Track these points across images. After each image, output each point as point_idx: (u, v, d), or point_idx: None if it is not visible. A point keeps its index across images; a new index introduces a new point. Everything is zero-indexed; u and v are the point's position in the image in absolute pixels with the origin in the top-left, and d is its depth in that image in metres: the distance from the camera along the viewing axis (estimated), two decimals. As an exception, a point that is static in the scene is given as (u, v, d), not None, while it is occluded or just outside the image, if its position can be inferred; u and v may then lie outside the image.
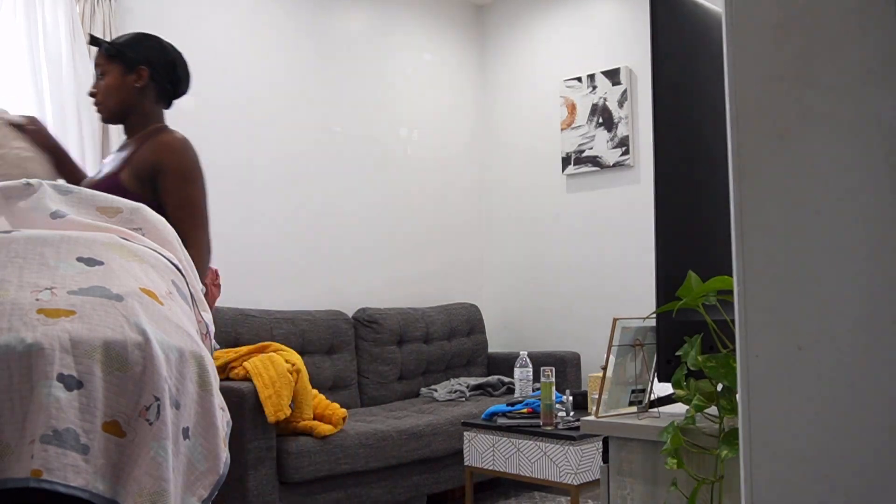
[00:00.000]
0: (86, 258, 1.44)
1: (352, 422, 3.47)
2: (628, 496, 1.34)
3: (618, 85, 4.58)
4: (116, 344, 1.30)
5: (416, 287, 4.82)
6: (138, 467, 1.27)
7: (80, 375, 1.25)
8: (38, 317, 1.28)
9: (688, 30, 1.33)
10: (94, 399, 1.26)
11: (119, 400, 1.29)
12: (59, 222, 1.56)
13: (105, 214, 1.65)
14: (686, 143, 1.32)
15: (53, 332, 1.26)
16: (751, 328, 0.72)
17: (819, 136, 0.69)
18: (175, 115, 3.92)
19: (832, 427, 0.67)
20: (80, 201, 1.64)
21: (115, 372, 1.29)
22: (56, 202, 1.60)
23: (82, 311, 1.32)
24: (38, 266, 1.39)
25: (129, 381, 1.30)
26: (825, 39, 0.69)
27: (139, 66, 2.09)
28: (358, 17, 4.65)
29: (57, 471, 1.19)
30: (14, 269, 1.37)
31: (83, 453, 1.22)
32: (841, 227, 0.67)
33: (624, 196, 4.57)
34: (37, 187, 1.60)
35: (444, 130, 5.09)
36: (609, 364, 1.39)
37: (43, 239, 1.45)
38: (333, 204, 4.42)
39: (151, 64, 2.11)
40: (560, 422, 3.16)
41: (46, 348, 1.24)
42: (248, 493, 2.96)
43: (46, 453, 1.18)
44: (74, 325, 1.29)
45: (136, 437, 1.28)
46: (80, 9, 3.38)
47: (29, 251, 1.42)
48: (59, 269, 1.40)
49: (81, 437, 1.23)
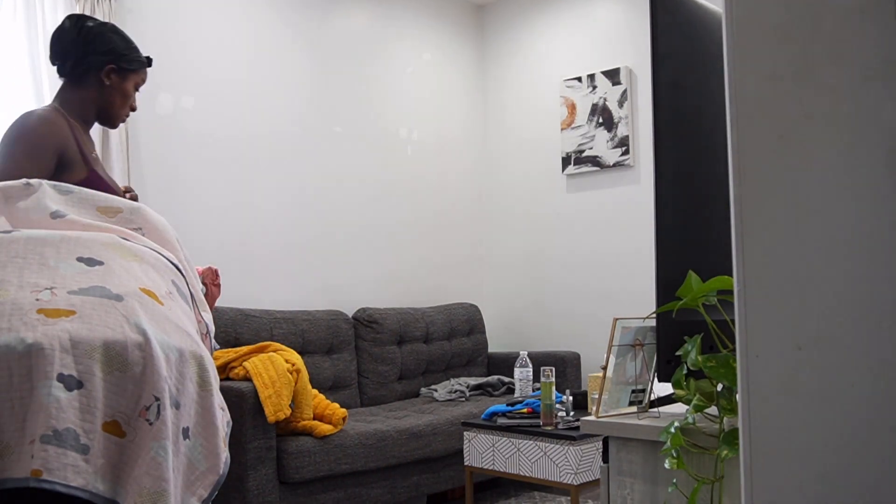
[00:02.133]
0: (86, 258, 1.44)
1: (352, 422, 3.47)
2: (628, 496, 1.34)
3: (618, 85, 4.58)
4: (116, 344, 1.30)
5: (416, 287, 4.82)
6: (138, 467, 1.27)
7: (80, 375, 1.25)
8: (39, 317, 1.28)
9: (688, 30, 1.33)
10: (94, 399, 1.26)
11: (119, 400, 1.29)
12: (59, 222, 1.56)
13: (105, 214, 1.65)
14: (686, 143, 1.32)
15: (53, 332, 1.26)
16: (751, 328, 0.72)
17: (819, 136, 0.69)
18: (175, 115, 3.89)
19: (832, 427, 0.67)
20: (80, 201, 1.64)
21: (115, 372, 1.29)
22: (56, 202, 1.60)
23: (82, 311, 1.32)
24: (38, 266, 1.39)
25: (129, 381, 1.30)
26: (825, 39, 0.69)
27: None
28: (358, 17, 4.64)
29: (57, 471, 1.19)
30: (14, 269, 1.37)
31: (83, 453, 1.22)
32: (841, 226, 0.67)
33: (624, 196, 4.57)
34: (37, 187, 1.60)
35: (444, 130, 5.09)
36: (609, 364, 1.39)
37: (43, 239, 1.45)
38: (334, 204, 4.42)
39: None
40: (560, 422, 3.16)
41: (46, 348, 1.24)
42: (248, 493, 2.96)
43: (46, 453, 1.18)
44: (74, 325, 1.29)
45: (136, 436, 1.28)
46: (80, 9, 3.38)
47: (29, 251, 1.42)
48: (59, 269, 1.40)
49: (81, 437, 1.23)
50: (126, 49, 2.07)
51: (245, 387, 3.00)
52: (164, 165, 3.72)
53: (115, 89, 2.06)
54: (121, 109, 2.10)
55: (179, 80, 3.74)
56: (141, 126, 3.64)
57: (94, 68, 2.02)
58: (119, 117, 2.12)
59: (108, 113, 2.09)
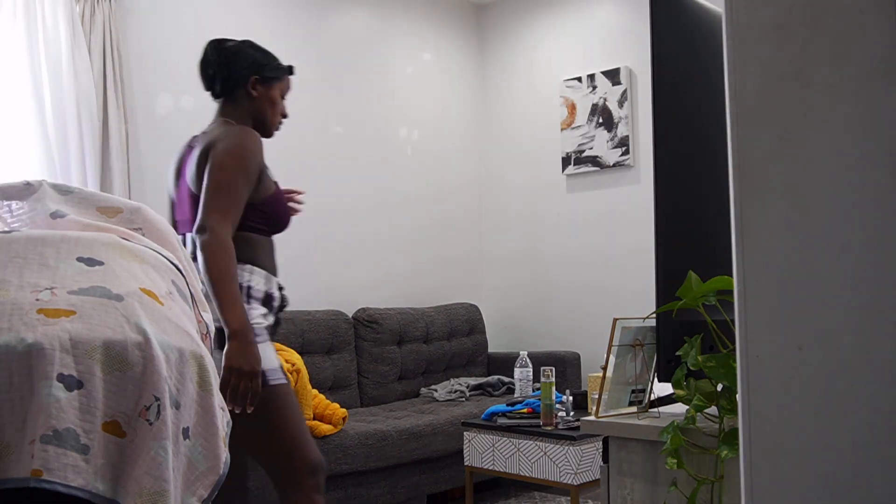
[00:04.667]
0: (86, 258, 1.44)
1: (352, 422, 3.47)
2: (628, 496, 1.34)
3: (618, 85, 4.58)
4: (116, 344, 1.30)
5: (416, 287, 4.82)
6: (138, 467, 1.27)
7: (80, 375, 1.25)
8: (38, 317, 1.28)
9: (688, 30, 1.33)
10: (94, 399, 1.26)
11: (119, 400, 1.29)
12: (59, 222, 1.56)
13: (105, 214, 1.65)
14: (686, 144, 1.32)
15: (53, 332, 1.26)
16: (751, 328, 0.72)
17: (819, 136, 0.69)
18: (175, 115, 3.89)
19: (832, 427, 0.67)
20: (80, 201, 1.64)
21: (115, 372, 1.29)
22: (56, 202, 1.60)
23: (82, 310, 1.32)
24: (38, 266, 1.39)
25: (129, 381, 1.30)
26: (825, 39, 0.69)
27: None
28: (358, 17, 4.64)
29: (57, 471, 1.19)
30: (14, 269, 1.37)
31: (83, 453, 1.22)
32: (841, 227, 0.67)
33: (624, 196, 4.57)
34: (37, 187, 1.60)
35: (444, 130, 5.09)
36: (609, 364, 1.39)
37: (43, 239, 1.45)
38: (334, 204, 4.42)
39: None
40: (560, 422, 3.16)
41: (46, 348, 1.24)
42: (248, 493, 2.96)
43: (46, 453, 1.18)
44: (74, 325, 1.29)
45: (136, 437, 1.28)
46: (80, 9, 3.38)
47: (29, 251, 1.42)
48: (59, 269, 1.40)
49: (81, 437, 1.23)
50: (265, 60, 2.20)
51: (245, 387, 3.00)
52: (164, 165, 3.71)
53: (262, 99, 2.19)
54: (272, 117, 2.23)
55: (179, 80, 3.74)
56: (141, 126, 3.64)
57: (240, 83, 2.18)
58: (273, 125, 2.25)
59: (261, 122, 2.21)
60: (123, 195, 3.38)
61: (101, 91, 3.42)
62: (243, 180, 1.99)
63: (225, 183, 1.97)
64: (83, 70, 3.34)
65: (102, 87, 3.42)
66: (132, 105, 3.61)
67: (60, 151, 3.29)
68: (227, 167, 1.98)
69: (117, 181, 3.42)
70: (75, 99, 3.31)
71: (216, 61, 2.18)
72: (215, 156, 2.00)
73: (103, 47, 3.43)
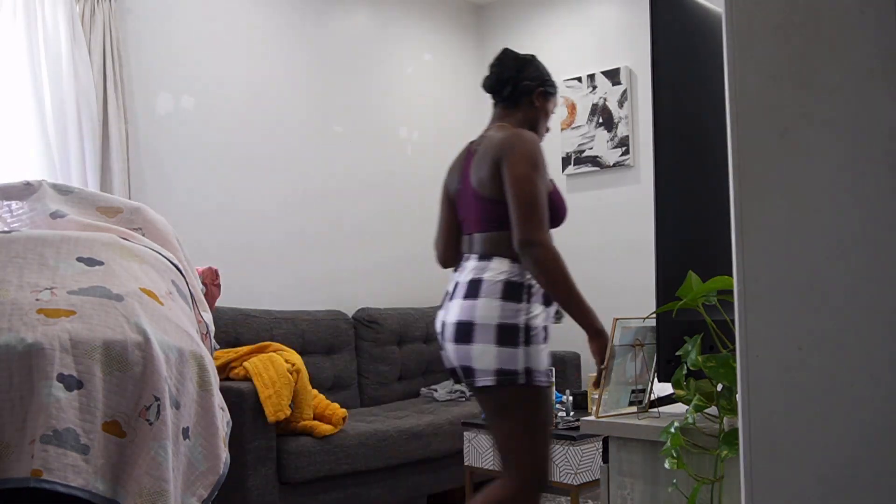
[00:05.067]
0: (86, 258, 1.44)
1: (352, 422, 3.47)
2: (628, 496, 1.34)
3: (618, 85, 4.58)
4: (116, 344, 1.30)
5: (416, 287, 4.81)
6: (138, 467, 1.27)
7: (80, 375, 1.25)
8: (38, 317, 1.28)
9: (688, 30, 1.33)
10: (94, 399, 1.26)
11: (119, 400, 1.29)
12: (59, 222, 1.56)
13: (105, 214, 1.65)
14: (686, 143, 1.32)
15: (53, 332, 1.26)
16: (751, 328, 0.72)
17: (819, 136, 0.69)
18: (175, 115, 3.90)
19: (832, 427, 0.67)
20: (80, 201, 1.64)
21: (115, 372, 1.29)
22: (56, 202, 1.60)
23: (82, 311, 1.32)
24: (38, 266, 1.39)
25: (129, 381, 1.30)
26: (825, 39, 0.69)
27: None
28: (358, 17, 4.64)
29: (57, 471, 1.19)
30: (14, 269, 1.37)
31: (83, 453, 1.22)
32: (841, 227, 0.67)
33: (624, 196, 4.57)
34: (37, 187, 1.60)
35: (444, 130, 5.09)
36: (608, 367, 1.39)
37: (43, 239, 1.45)
38: (334, 204, 4.42)
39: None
40: (560, 422, 3.16)
41: (46, 348, 1.24)
42: (248, 493, 2.96)
43: (46, 453, 1.18)
44: (74, 325, 1.29)
45: (136, 437, 1.28)
46: (80, 9, 3.38)
47: (29, 251, 1.42)
48: (59, 269, 1.40)
49: (81, 437, 1.23)
50: (548, 75, 2.35)
51: (245, 387, 3.00)
52: (164, 165, 3.72)
53: (541, 110, 2.33)
54: (543, 128, 2.36)
55: (179, 80, 3.74)
56: (141, 126, 3.64)
57: (526, 92, 2.31)
58: (541, 135, 2.34)
59: (535, 130, 2.31)
60: (123, 195, 3.38)
61: (101, 91, 3.42)
62: (542, 185, 2.10)
63: (531, 194, 2.07)
64: (83, 70, 3.34)
65: (102, 86, 3.42)
66: (132, 105, 3.61)
67: (60, 151, 3.29)
68: (528, 178, 2.08)
69: (117, 181, 3.42)
70: (75, 99, 3.31)
71: (514, 68, 2.32)
72: (513, 165, 2.10)
73: (103, 47, 3.43)
